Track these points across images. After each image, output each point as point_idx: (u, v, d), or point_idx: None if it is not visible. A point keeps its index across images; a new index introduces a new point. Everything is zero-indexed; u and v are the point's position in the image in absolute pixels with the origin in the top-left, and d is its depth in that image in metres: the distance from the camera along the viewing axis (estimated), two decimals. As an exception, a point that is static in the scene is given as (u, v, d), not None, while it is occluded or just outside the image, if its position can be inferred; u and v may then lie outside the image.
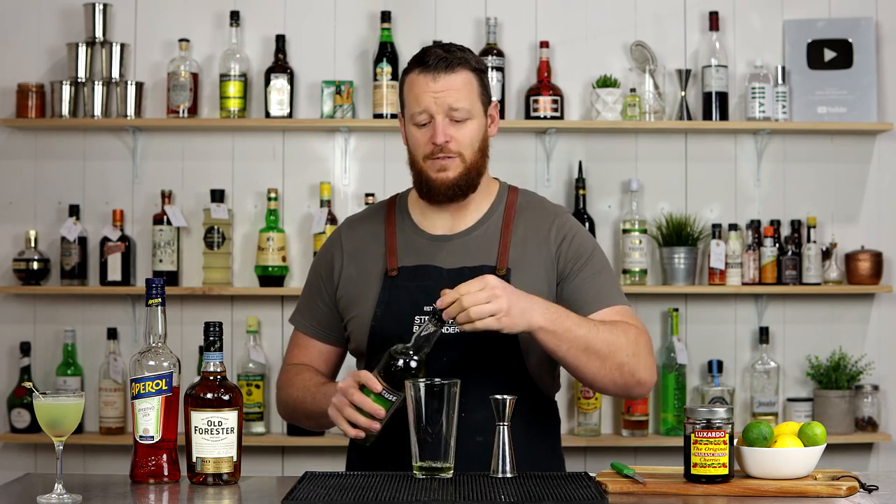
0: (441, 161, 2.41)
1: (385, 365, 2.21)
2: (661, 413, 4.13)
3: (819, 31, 4.19)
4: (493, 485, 2.08)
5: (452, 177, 2.42)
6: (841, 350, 4.19)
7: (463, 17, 4.20)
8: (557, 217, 2.50)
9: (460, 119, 2.41)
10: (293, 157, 4.20)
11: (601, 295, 2.42)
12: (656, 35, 4.22)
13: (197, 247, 4.14)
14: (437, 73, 2.40)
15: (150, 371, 2.19)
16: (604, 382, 2.35)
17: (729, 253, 4.11)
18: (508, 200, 2.52)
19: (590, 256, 2.46)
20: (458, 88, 2.40)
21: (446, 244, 2.47)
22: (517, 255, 2.44)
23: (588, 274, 2.44)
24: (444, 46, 2.46)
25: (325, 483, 2.10)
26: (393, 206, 2.56)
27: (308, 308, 2.57)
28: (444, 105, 2.39)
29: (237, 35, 4.13)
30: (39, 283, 4.09)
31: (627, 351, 2.33)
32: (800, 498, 2.07)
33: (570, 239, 2.47)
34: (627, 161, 4.22)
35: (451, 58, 2.41)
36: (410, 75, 2.44)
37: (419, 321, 2.39)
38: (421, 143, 2.42)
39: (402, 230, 2.50)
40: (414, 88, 2.42)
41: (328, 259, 2.55)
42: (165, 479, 2.19)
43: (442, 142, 2.39)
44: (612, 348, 2.31)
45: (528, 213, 2.50)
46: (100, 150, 4.18)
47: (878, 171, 4.25)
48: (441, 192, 2.43)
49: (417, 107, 2.41)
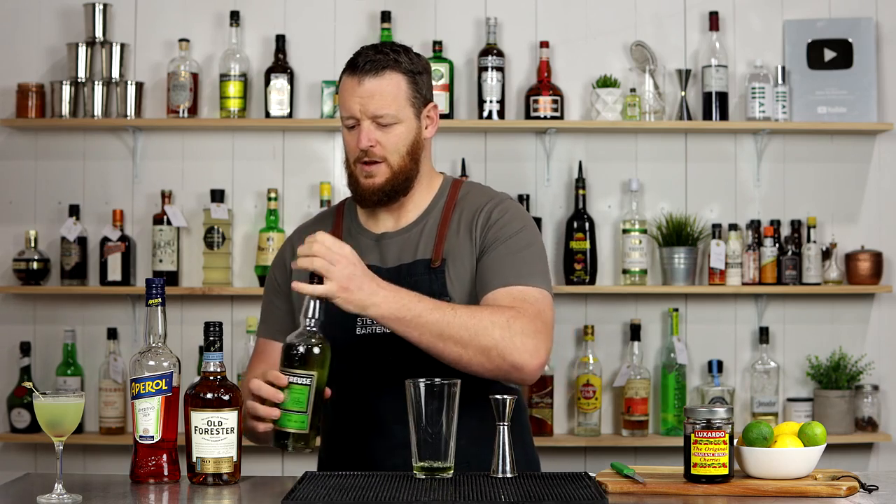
0: (367, 167, 2.40)
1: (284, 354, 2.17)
2: (661, 413, 4.13)
3: (819, 31, 4.19)
4: (493, 485, 2.08)
5: (379, 182, 2.41)
6: (841, 350, 4.19)
7: (463, 17, 4.20)
8: (490, 202, 2.46)
9: (386, 124, 2.39)
10: (293, 157, 4.20)
11: (504, 274, 2.35)
12: (656, 35, 4.22)
13: (197, 247, 4.14)
14: (363, 77, 2.38)
15: (150, 371, 2.19)
16: (471, 367, 2.27)
17: (729, 253, 4.11)
18: (450, 194, 2.50)
19: (511, 236, 2.40)
20: (384, 93, 2.38)
21: (387, 242, 2.46)
22: (452, 245, 2.42)
23: (502, 252, 2.38)
24: (377, 47, 2.43)
25: (325, 483, 2.10)
26: (342, 209, 2.57)
27: (268, 315, 2.56)
28: (369, 110, 2.38)
29: (237, 35, 4.13)
30: (39, 283, 4.09)
31: (494, 334, 2.24)
32: (800, 498, 2.07)
33: (496, 220, 2.42)
34: (627, 161, 4.22)
35: (381, 60, 2.39)
36: (343, 78, 2.43)
37: (360, 322, 2.38)
38: (350, 147, 2.42)
39: (347, 231, 2.50)
40: (343, 91, 2.42)
41: (281, 265, 2.55)
42: (165, 479, 2.19)
43: (366, 146, 2.38)
44: (472, 332, 2.23)
45: (465, 203, 2.47)
46: (100, 150, 4.18)
47: (878, 171, 4.25)
48: (368, 197, 2.43)
49: (345, 111, 2.41)
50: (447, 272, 2.39)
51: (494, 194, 2.50)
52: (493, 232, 2.41)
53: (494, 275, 2.36)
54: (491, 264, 2.38)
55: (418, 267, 2.40)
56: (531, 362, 2.27)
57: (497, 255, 2.38)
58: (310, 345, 2.17)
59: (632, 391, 4.09)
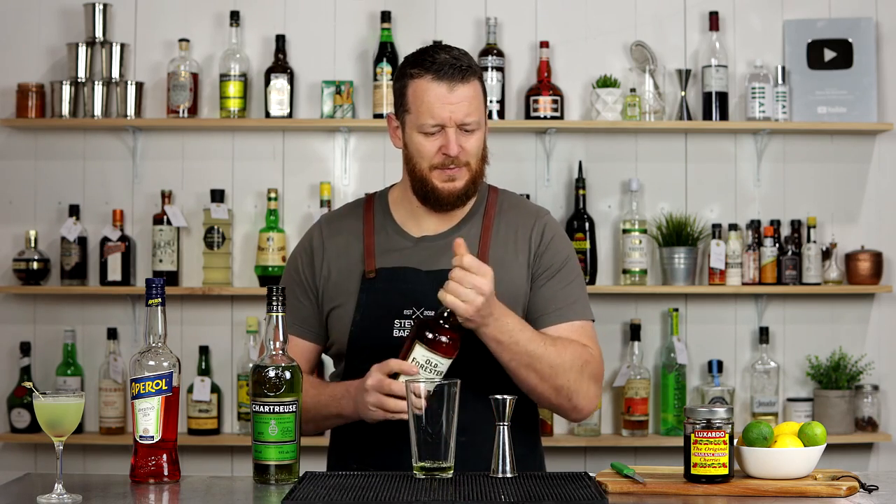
0: (450, 172, 2.39)
1: (263, 383, 2.15)
2: (661, 413, 4.13)
3: (819, 31, 4.19)
4: (493, 485, 2.08)
5: (460, 186, 2.41)
6: (841, 350, 4.19)
7: (463, 17, 4.20)
8: (539, 219, 2.50)
9: (470, 130, 2.39)
10: (293, 157, 4.20)
11: (566, 307, 2.43)
12: (656, 35, 4.22)
13: (197, 247, 4.14)
14: (452, 84, 2.37)
15: (150, 371, 2.19)
16: (537, 395, 2.37)
17: (729, 253, 4.11)
18: (489, 200, 2.51)
19: (563, 264, 2.46)
20: (472, 100, 2.38)
21: (428, 245, 2.46)
22: (498, 254, 2.44)
23: (558, 283, 2.44)
24: (448, 51, 2.41)
25: (325, 483, 2.10)
26: (371, 205, 2.54)
27: (294, 311, 2.50)
28: (458, 117, 2.37)
29: (237, 35, 4.13)
30: (39, 283, 4.09)
31: (570, 376, 2.35)
32: (800, 498, 2.07)
33: (548, 242, 2.47)
34: (627, 161, 4.22)
35: (463, 66, 2.38)
36: (419, 81, 2.39)
37: (399, 325, 2.38)
38: (429, 153, 2.39)
39: (382, 231, 2.48)
40: (426, 96, 2.37)
41: (308, 254, 2.52)
42: (165, 479, 2.19)
43: (456, 152, 2.37)
44: (554, 370, 2.33)
45: (511, 214, 2.50)
46: (100, 150, 4.18)
47: (878, 171, 4.25)
48: (448, 201, 2.42)
49: (430, 117, 2.37)
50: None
51: (537, 208, 2.54)
52: (546, 258, 2.45)
53: (555, 308, 2.43)
54: (549, 295, 2.44)
55: None
56: (588, 407, 2.41)
57: (553, 285, 2.44)
58: (290, 369, 2.16)
59: (632, 391, 4.09)
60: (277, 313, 2.16)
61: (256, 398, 2.14)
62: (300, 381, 2.17)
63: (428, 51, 2.42)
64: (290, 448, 2.14)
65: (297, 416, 2.15)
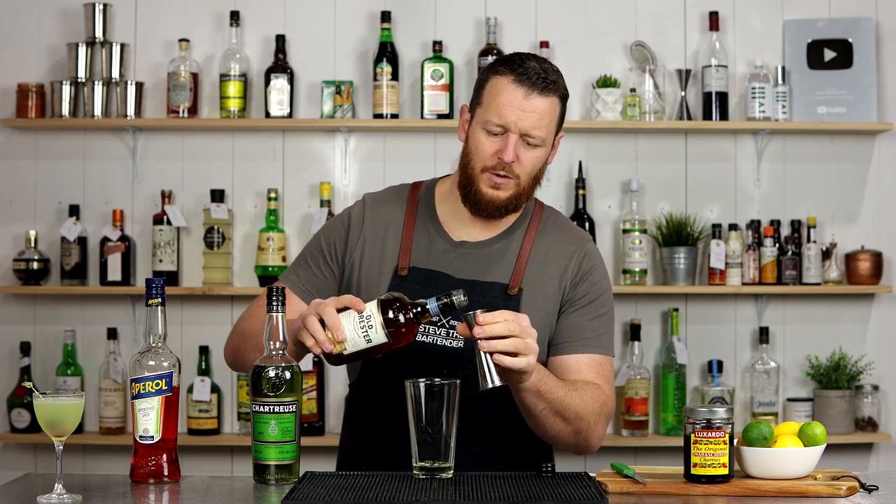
0: (498, 179, 2.35)
1: (264, 384, 2.12)
2: (661, 413, 4.13)
3: (819, 31, 4.19)
4: (494, 485, 2.08)
5: (503, 197, 2.37)
6: (841, 350, 4.19)
7: (463, 17, 4.20)
8: (581, 247, 2.45)
9: (532, 144, 2.34)
10: (293, 157, 4.20)
11: (591, 339, 2.40)
12: (656, 35, 4.22)
13: (197, 247, 4.14)
14: (531, 92, 2.32)
15: (150, 371, 2.19)
16: (555, 439, 2.35)
17: (729, 253, 4.11)
18: (534, 216, 2.47)
19: (597, 297, 2.43)
20: (544, 114, 2.33)
21: (464, 252, 2.42)
22: (534, 276, 2.40)
23: (588, 313, 2.41)
24: (540, 61, 2.36)
25: (325, 483, 2.10)
26: (416, 196, 2.49)
27: (306, 269, 2.45)
28: (524, 126, 2.32)
29: (237, 35, 4.13)
30: (39, 283, 4.09)
31: (589, 420, 2.33)
32: (800, 498, 2.07)
33: (587, 273, 2.43)
34: (627, 161, 4.22)
35: (548, 80, 2.33)
36: (500, 78, 2.34)
37: (422, 329, 2.34)
38: (486, 153, 2.35)
39: (423, 227, 2.44)
40: (500, 96, 2.33)
41: (345, 229, 2.46)
42: (165, 479, 2.19)
43: (510, 160, 2.32)
44: (578, 416, 2.31)
45: (554, 236, 2.46)
46: (100, 150, 4.18)
47: (878, 171, 4.25)
48: (488, 208, 2.38)
49: (497, 117, 2.33)
50: (521, 302, 2.37)
51: (581, 233, 2.50)
52: (583, 287, 2.42)
53: (580, 337, 2.40)
54: (578, 324, 2.41)
55: (494, 289, 2.37)
56: (598, 445, 2.40)
57: (583, 315, 2.41)
58: (291, 369, 2.14)
59: (632, 391, 4.09)
60: (277, 313, 2.16)
61: (256, 398, 2.14)
62: (300, 382, 2.17)
63: (521, 55, 2.37)
64: (290, 448, 2.14)
65: (298, 416, 2.15)
